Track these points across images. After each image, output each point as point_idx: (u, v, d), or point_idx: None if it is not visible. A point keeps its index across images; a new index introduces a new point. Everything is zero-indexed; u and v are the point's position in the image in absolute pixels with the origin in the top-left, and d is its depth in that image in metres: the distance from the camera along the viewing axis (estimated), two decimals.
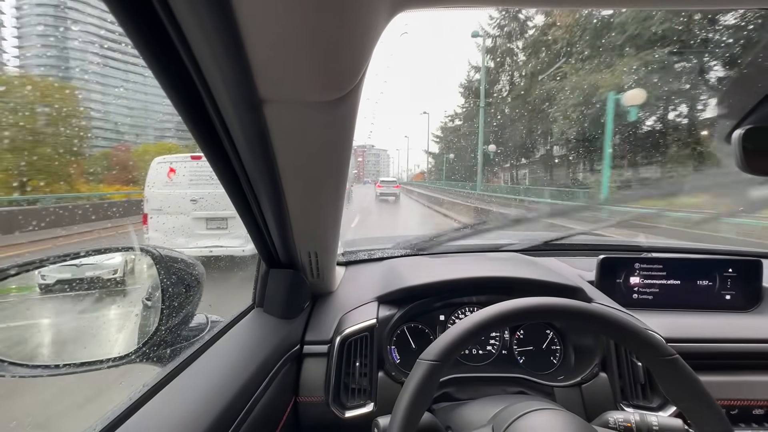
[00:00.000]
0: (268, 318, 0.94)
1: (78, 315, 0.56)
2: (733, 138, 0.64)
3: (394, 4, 0.41)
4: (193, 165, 4.45)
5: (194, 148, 4.88)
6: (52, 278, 0.52)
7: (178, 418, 0.56)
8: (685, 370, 0.56)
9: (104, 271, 0.58)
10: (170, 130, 37.05)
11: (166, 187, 4.41)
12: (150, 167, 4.46)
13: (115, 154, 22.26)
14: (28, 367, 0.66)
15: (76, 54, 32.19)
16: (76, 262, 0.55)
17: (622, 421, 0.66)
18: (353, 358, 0.93)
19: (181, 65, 0.42)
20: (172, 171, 4.44)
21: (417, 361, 0.56)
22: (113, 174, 14.59)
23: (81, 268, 0.53)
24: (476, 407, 0.76)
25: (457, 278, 1.04)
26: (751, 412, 0.93)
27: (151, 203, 4.39)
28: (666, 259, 1.17)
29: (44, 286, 0.50)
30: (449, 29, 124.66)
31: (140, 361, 0.73)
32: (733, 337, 0.98)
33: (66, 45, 32.40)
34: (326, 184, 0.70)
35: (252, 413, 0.68)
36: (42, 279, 0.51)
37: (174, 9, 0.35)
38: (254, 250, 0.77)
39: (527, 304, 0.59)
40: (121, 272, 0.59)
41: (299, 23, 0.37)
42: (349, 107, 0.52)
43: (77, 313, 0.56)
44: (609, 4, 0.46)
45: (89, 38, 31.08)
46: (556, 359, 1.04)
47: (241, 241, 4.35)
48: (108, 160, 20.08)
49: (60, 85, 20.37)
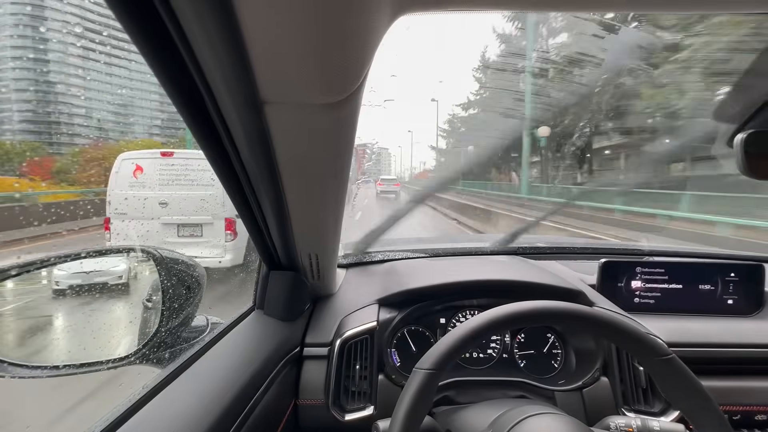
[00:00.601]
0: (268, 320, 0.94)
1: (84, 315, 0.61)
2: (735, 142, 0.64)
3: (396, 8, 0.41)
4: (163, 163, 3.91)
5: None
6: (65, 284, 0.57)
7: (178, 420, 0.56)
8: (681, 369, 0.56)
9: (111, 277, 0.62)
10: (157, 128, 35.04)
11: (131, 188, 3.88)
12: (114, 165, 3.92)
13: (88, 151, 21.14)
14: (28, 367, 0.66)
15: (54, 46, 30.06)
16: (85, 268, 0.58)
17: (624, 425, 0.66)
18: (353, 361, 0.93)
19: (183, 67, 0.42)
20: (139, 169, 3.90)
21: (413, 370, 0.56)
22: (85, 173, 13.71)
23: (90, 275, 0.57)
24: (477, 411, 0.75)
25: (458, 281, 1.04)
26: (753, 418, 0.92)
27: (114, 206, 3.85)
28: (668, 263, 1.16)
29: (58, 291, 0.56)
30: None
31: (140, 363, 0.73)
32: (736, 342, 0.97)
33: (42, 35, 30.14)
34: (327, 187, 0.70)
35: (252, 416, 0.67)
36: (56, 285, 0.57)
37: (176, 10, 0.35)
38: (233, 261, 0.78)
39: (521, 309, 0.58)
40: (125, 278, 0.64)
41: (301, 25, 0.37)
42: (351, 110, 0.52)
43: (84, 314, 0.60)
44: (609, 4, 0.46)
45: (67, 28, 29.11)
46: (557, 363, 1.03)
47: (218, 251, 3.83)
48: (80, 157, 19.01)
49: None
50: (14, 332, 0.54)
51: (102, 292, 0.59)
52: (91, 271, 0.57)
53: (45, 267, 0.68)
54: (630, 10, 0.46)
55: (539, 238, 1.44)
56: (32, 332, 0.56)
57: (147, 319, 0.82)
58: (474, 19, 44.12)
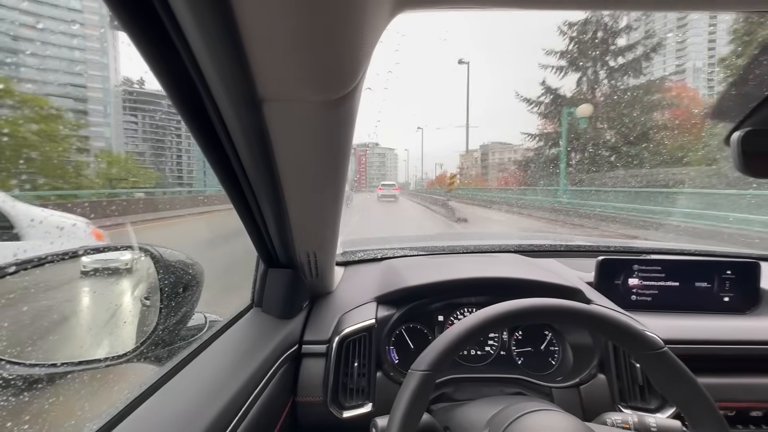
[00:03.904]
0: (266, 318, 0.94)
1: (103, 286, 0.85)
2: (732, 140, 0.64)
3: (395, 5, 0.41)
4: None
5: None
6: (90, 267, 0.79)
7: (176, 418, 0.56)
8: (674, 362, 0.56)
9: (120, 263, 0.84)
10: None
11: None
12: None
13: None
14: (26, 365, 0.65)
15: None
16: (102, 257, 0.80)
17: (620, 422, 0.66)
18: (352, 359, 0.93)
19: (180, 64, 0.42)
20: None
21: (409, 372, 0.56)
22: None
23: (107, 262, 0.81)
24: (474, 408, 0.76)
25: (456, 279, 1.04)
26: (749, 414, 0.93)
27: None
28: (664, 261, 1.17)
29: (84, 272, 0.79)
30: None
31: (138, 361, 0.73)
32: (731, 339, 0.98)
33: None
34: (325, 184, 0.70)
35: (250, 413, 0.68)
36: (83, 268, 0.78)
37: (173, 8, 0.35)
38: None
39: (510, 308, 0.59)
40: (130, 264, 0.85)
41: (299, 22, 0.37)
42: (349, 107, 0.52)
43: (104, 285, 0.85)
44: (609, 4, 0.46)
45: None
46: (555, 360, 1.04)
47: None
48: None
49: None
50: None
51: (114, 273, 0.85)
52: (107, 259, 0.80)
53: (43, 264, 0.68)
54: (629, 9, 0.46)
55: (537, 236, 1.45)
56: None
57: (145, 317, 0.82)
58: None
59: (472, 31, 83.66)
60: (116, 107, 39.38)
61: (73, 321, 0.82)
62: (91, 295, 0.83)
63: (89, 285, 0.83)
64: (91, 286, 0.83)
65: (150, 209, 9.02)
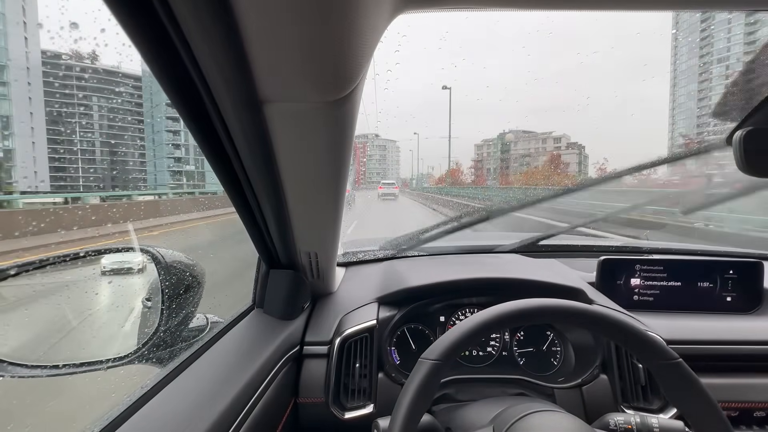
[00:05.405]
0: (267, 319, 0.94)
1: (117, 288, 0.94)
2: (734, 139, 0.64)
3: (395, 6, 0.41)
4: None
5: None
6: (109, 267, 0.87)
7: (178, 419, 0.56)
8: (688, 374, 0.56)
9: (133, 264, 0.90)
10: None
11: None
12: None
13: None
14: (28, 367, 0.66)
15: None
16: (118, 259, 0.86)
17: (623, 422, 0.66)
18: (353, 359, 0.93)
19: (181, 66, 0.42)
20: None
21: (419, 360, 0.56)
22: None
23: (122, 263, 0.88)
24: (476, 409, 0.76)
25: (458, 279, 1.04)
26: (752, 415, 0.93)
27: None
28: (667, 260, 1.16)
29: (103, 271, 0.87)
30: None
31: (140, 362, 0.73)
32: (734, 339, 0.98)
33: None
34: (326, 185, 0.70)
35: (252, 414, 0.68)
36: (103, 268, 0.86)
37: (174, 9, 0.35)
38: None
39: (529, 306, 0.58)
40: (141, 265, 0.89)
41: (299, 24, 0.37)
42: (349, 108, 0.52)
43: (118, 286, 0.94)
44: (609, 4, 0.46)
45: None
46: (557, 361, 1.03)
47: None
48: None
49: None
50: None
51: (128, 272, 0.92)
52: (122, 261, 0.87)
53: (43, 266, 0.68)
54: (629, 8, 0.45)
55: (538, 236, 1.44)
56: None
57: (147, 318, 0.82)
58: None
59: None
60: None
61: (75, 323, 0.84)
62: (104, 296, 0.91)
63: (101, 287, 0.90)
64: (103, 289, 0.90)
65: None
